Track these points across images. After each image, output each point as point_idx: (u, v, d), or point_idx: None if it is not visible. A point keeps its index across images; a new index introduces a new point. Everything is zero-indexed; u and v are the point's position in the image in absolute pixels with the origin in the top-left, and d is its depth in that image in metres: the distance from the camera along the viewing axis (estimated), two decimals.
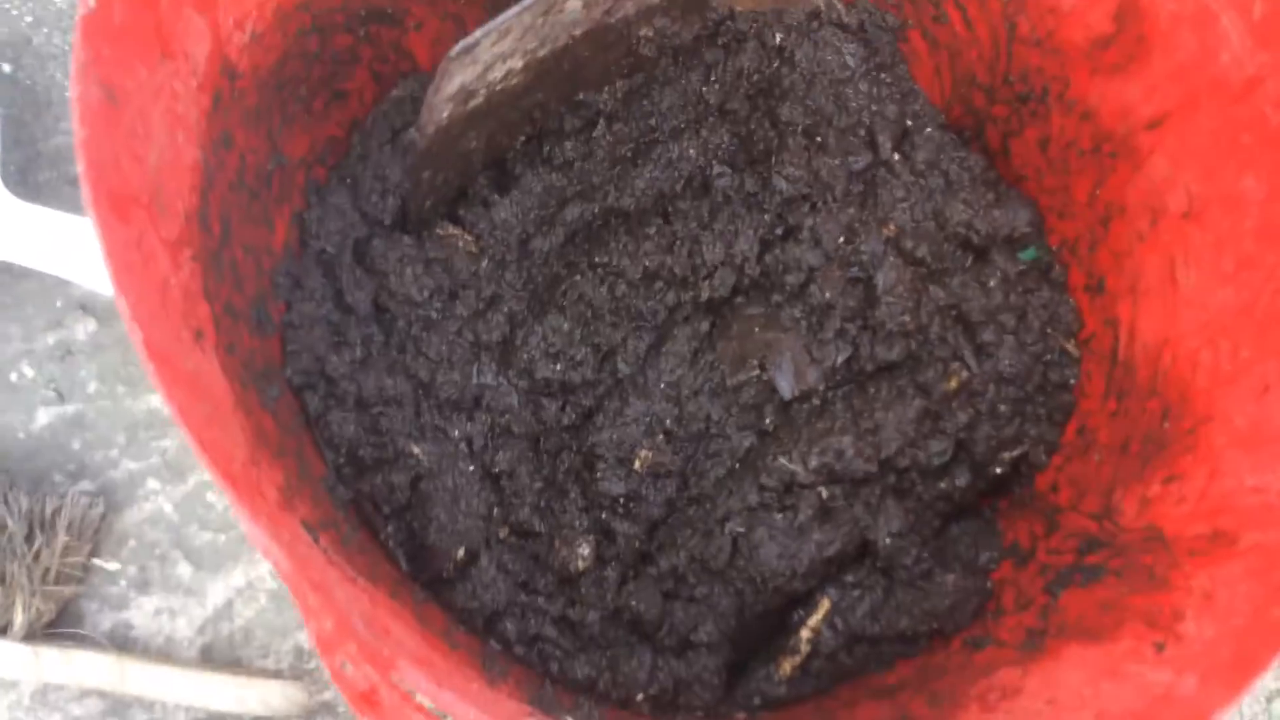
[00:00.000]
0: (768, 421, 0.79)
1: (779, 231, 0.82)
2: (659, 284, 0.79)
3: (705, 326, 0.79)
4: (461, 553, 0.68)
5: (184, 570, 0.90)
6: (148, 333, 0.46)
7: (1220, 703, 0.51)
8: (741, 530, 0.75)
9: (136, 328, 0.46)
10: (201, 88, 0.61)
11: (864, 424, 0.77)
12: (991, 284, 0.82)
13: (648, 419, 0.77)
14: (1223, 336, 0.69)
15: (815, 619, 0.75)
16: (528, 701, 0.61)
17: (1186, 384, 0.71)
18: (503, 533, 0.72)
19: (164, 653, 0.89)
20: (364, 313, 0.74)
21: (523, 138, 0.83)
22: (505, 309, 0.77)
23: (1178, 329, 0.73)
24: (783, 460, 0.76)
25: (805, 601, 0.76)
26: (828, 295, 0.79)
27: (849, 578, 0.76)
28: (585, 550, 0.72)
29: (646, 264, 0.78)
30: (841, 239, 0.81)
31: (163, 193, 0.56)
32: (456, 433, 0.72)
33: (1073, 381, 0.81)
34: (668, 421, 0.77)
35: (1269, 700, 0.99)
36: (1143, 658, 0.60)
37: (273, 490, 0.55)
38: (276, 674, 0.88)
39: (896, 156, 0.84)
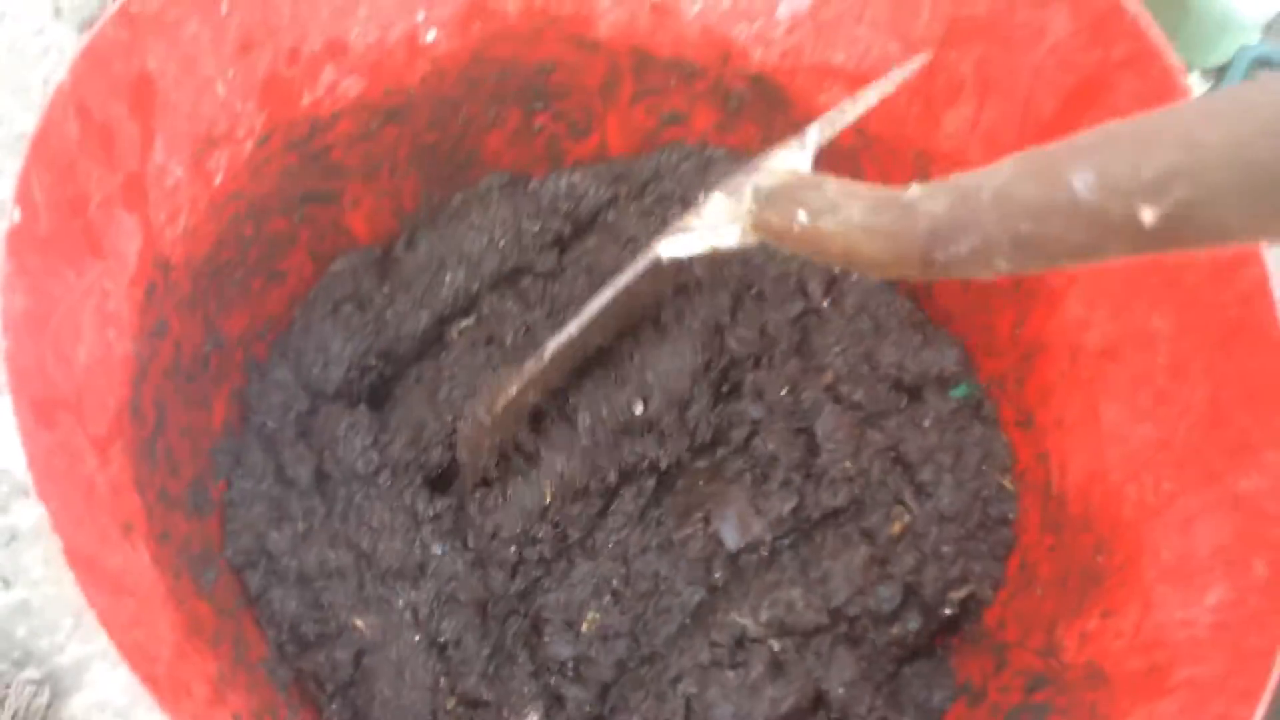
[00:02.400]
0: (716, 575, 0.79)
1: (724, 389, 0.84)
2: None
3: (651, 484, 0.80)
4: None
5: None
6: (69, 539, 0.47)
7: None
8: (694, 691, 0.74)
9: (58, 536, 0.47)
10: (133, 282, 0.63)
11: (812, 574, 0.78)
12: (926, 424, 0.84)
13: (595, 580, 0.77)
14: (1145, 471, 0.71)
15: None
16: None
17: (1115, 518, 0.73)
18: (450, 704, 0.72)
19: None
20: (305, 485, 0.75)
21: None
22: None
23: (1104, 463, 0.75)
24: (733, 615, 0.76)
25: None
26: (771, 447, 0.81)
27: None
28: (534, 718, 0.71)
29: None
30: (784, 391, 0.83)
31: (92, 390, 0.57)
32: (401, 602, 0.72)
33: (1011, 516, 0.82)
34: (614, 581, 0.78)
35: None
36: None
37: (203, 685, 0.55)
38: None
39: (826, 303, 0.87)
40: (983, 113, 0.79)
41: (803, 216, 0.54)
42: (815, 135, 0.63)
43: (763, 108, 0.90)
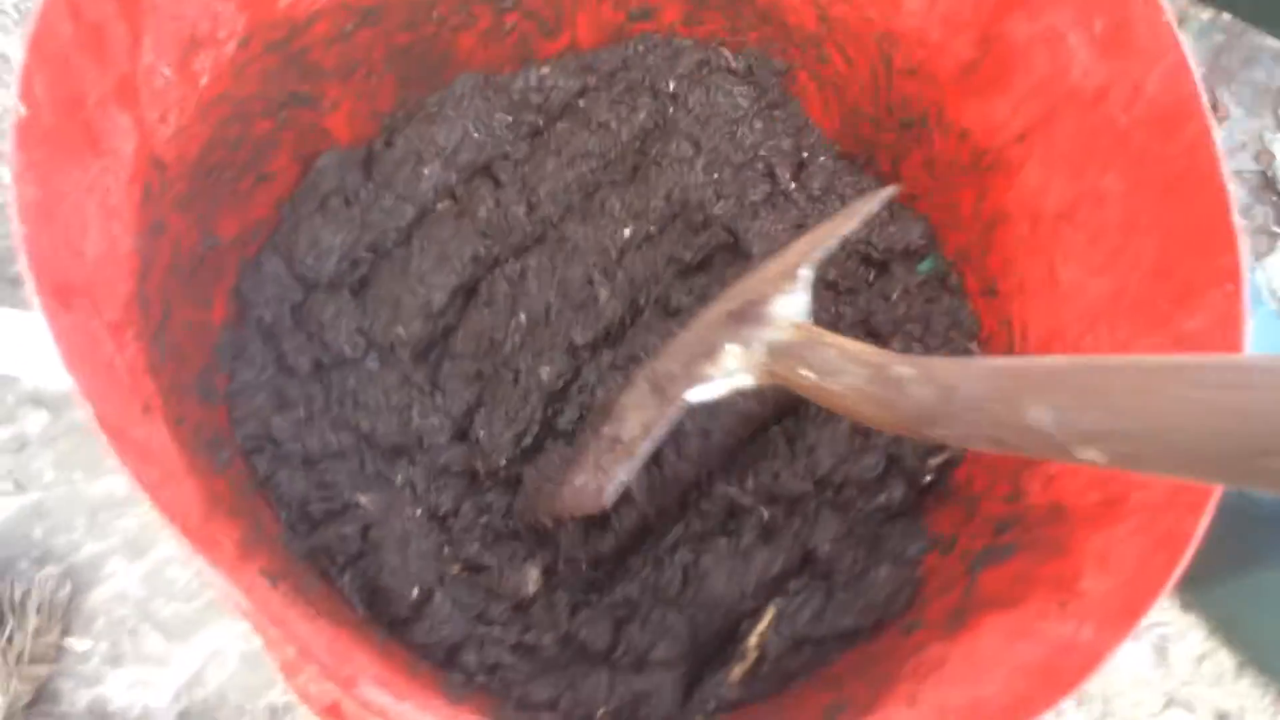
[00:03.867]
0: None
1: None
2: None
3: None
4: (416, 592, 0.72)
5: (154, 642, 0.93)
6: (99, 408, 0.50)
7: (1112, 644, 0.56)
8: (690, 558, 0.79)
9: (88, 403, 0.50)
10: (132, 181, 0.66)
11: (798, 446, 0.82)
12: (894, 296, 0.88)
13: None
14: (1101, 322, 0.75)
15: (761, 627, 0.79)
16: (489, 716, 0.65)
17: None
18: (454, 569, 0.76)
19: None
20: (305, 373, 0.78)
21: None
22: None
23: (1062, 320, 0.79)
24: (722, 487, 0.81)
25: (753, 612, 0.80)
26: None
27: (791, 585, 0.80)
28: (534, 573, 0.76)
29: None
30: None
31: (102, 281, 0.60)
32: (399, 478, 0.76)
33: None
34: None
35: None
36: (1048, 616, 0.65)
37: (230, 544, 0.59)
38: None
39: (794, 185, 0.90)
40: None
41: (811, 375, 0.60)
42: (807, 274, 0.68)
43: None
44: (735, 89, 0.93)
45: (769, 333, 0.65)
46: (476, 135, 0.89)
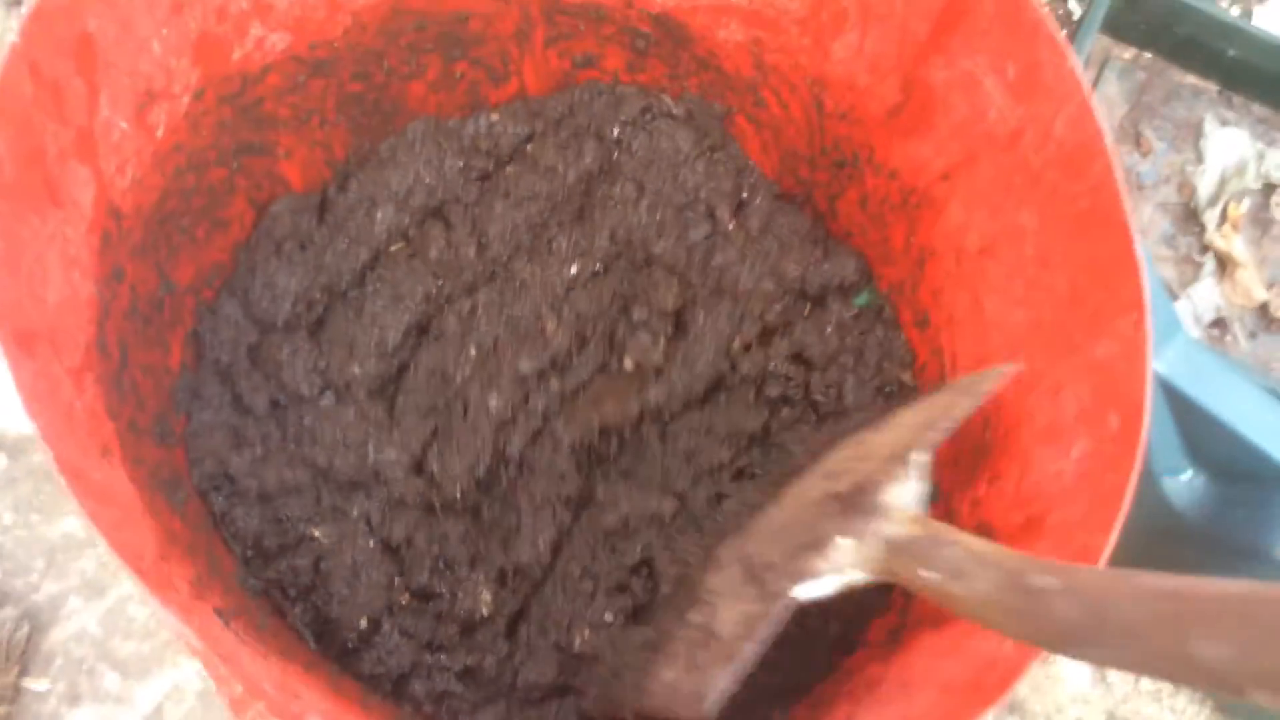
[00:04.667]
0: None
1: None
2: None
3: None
4: (364, 621, 0.74)
5: (112, 681, 0.94)
6: (59, 451, 0.53)
7: (1029, 658, 0.60)
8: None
9: (48, 447, 0.52)
10: (90, 230, 0.68)
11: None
12: (829, 330, 0.91)
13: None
14: (1021, 350, 0.79)
15: None
16: None
17: (1000, 396, 0.81)
18: (404, 599, 0.78)
19: None
20: (261, 412, 0.81)
21: None
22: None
23: (988, 349, 0.83)
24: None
25: None
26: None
27: None
28: (487, 596, 0.78)
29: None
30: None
31: (63, 326, 0.63)
32: (355, 511, 0.79)
33: None
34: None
35: None
36: (974, 633, 0.68)
37: (184, 583, 0.61)
38: None
39: (732, 225, 0.94)
40: (866, 39, 0.86)
41: (933, 577, 0.57)
42: (921, 460, 0.63)
43: (669, 46, 0.96)
44: (677, 133, 0.97)
45: (884, 526, 0.60)
46: (428, 179, 0.92)
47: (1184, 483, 0.93)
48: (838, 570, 0.61)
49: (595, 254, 0.92)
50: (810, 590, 0.61)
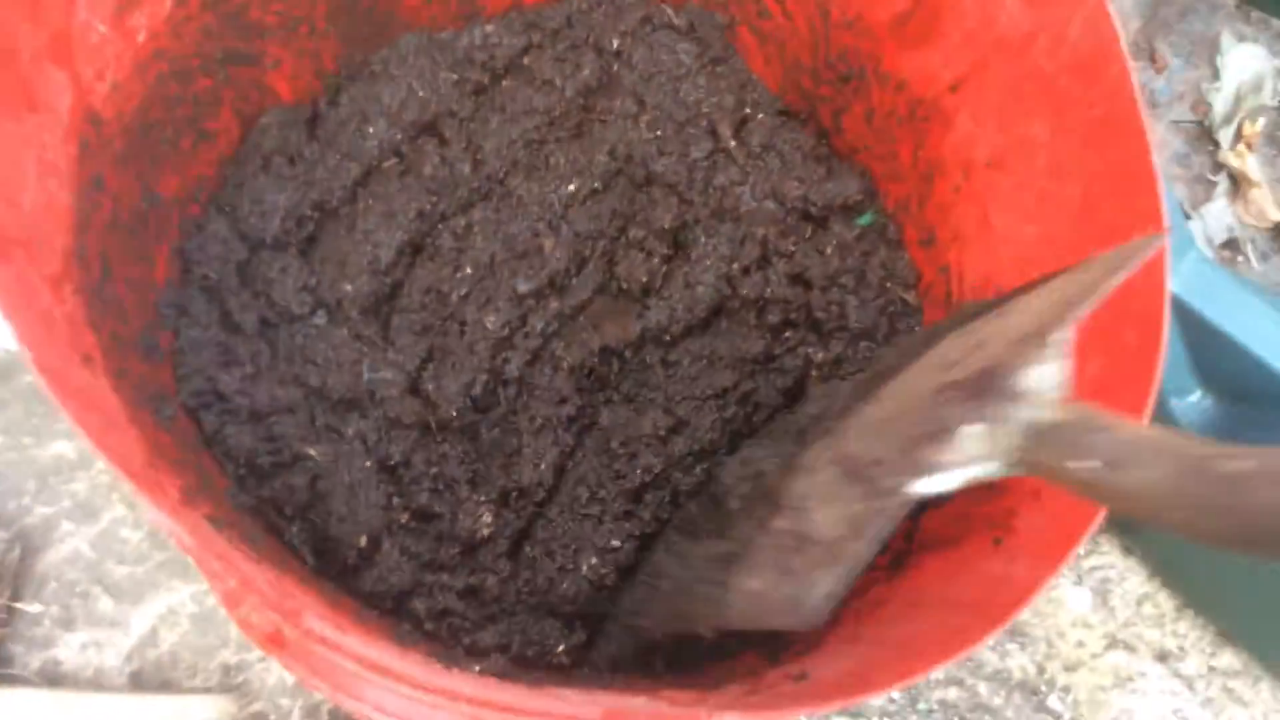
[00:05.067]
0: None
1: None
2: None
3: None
4: (364, 540, 0.73)
5: (106, 604, 0.94)
6: (37, 353, 0.51)
7: (1045, 576, 0.58)
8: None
9: (26, 349, 0.50)
10: (68, 136, 0.66)
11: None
12: (829, 250, 0.89)
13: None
14: (1031, 267, 0.77)
15: None
16: (438, 660, 0.66)
17: None
18: (403, 518, 0.77)
19: (95, 684, 0.92)
20: (251, 330, 0.79)
21: None
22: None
23: (997, 266, 0.81)
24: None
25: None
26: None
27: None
28: (487, 518, 0.77)
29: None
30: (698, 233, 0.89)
31: (39, 233, 0.60)
32: (350, 430, 0.77)
33: (917, 327, 0.89)
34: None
35: None
36: (985, 553, 0.67)
37: (174, 490, 0.60)
38: (206, 691, 0.92)
39: (734, 143, 0.92)
40: None
41: (1087, 467, 0.49)
42: (1062, 337, 0.54)
43: None
44: (678, 45, 0.93)
45: (1025, 411, 0.52)
46: (421, 93, 0.89)
47: (1193, 404, 0.91)
48: (965, 462, 0.54)
49: (594, 171, 0.89)
50: (933, 485, 0.55)
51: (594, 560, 0.78)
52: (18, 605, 0.92)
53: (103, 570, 0.95)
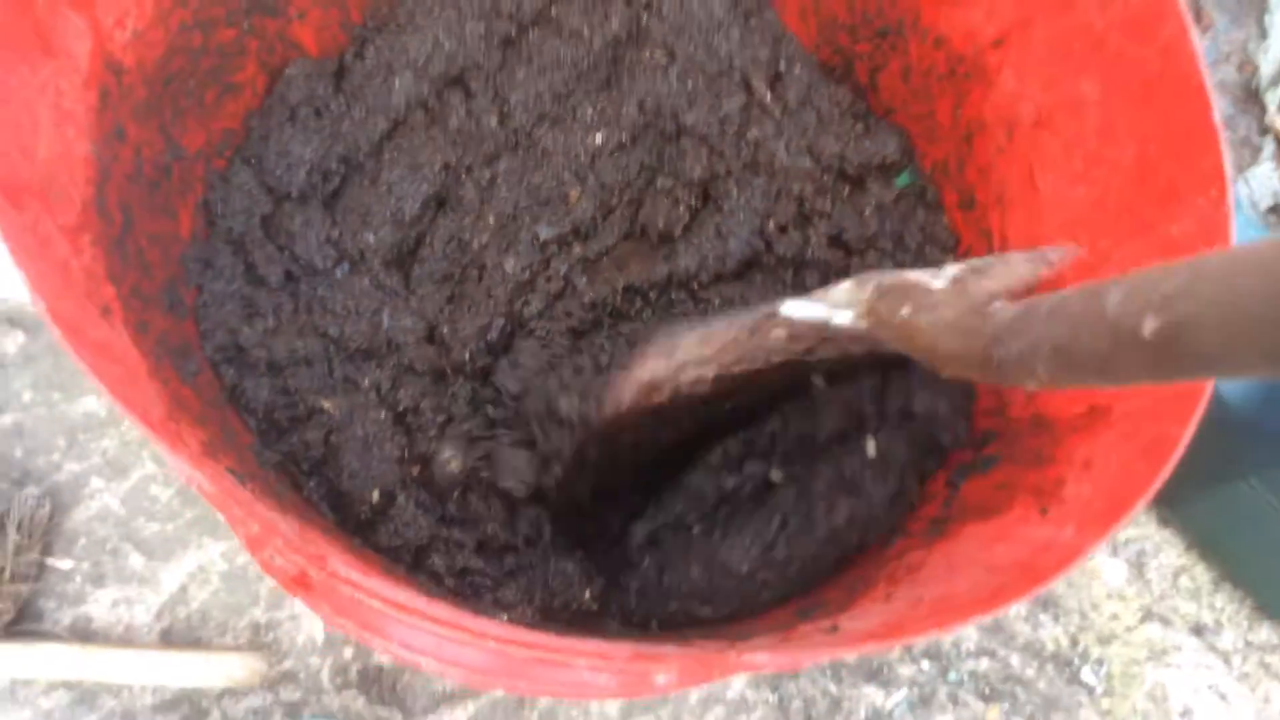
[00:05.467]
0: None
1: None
2: None
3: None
4: (376, 495, 0.72)
5: (136, 561, 0.94)
6: (51, 303, 0.50)
7: (1091, 542, 0.56)
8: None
9: (39, 298, 0.49)
10: (87, 84, 0.65)
11: None
12: (867, 213, 0.87)
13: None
14: (1082, 231, 0.74)
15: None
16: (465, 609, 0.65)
17: (1055, 280, 0.76)
18: (416, 471, 0.76)
19: (125, 641, 0.92)
20: (275, 283, 0.78)
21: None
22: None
23: (1042, 230, 0.79)
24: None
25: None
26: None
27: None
28: (447, 453, 0.76)
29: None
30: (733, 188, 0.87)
31: (56, 183, 0.59)
32: (366, 381, 0.76)
33: None
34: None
35: None
36: (1029, 521, 0.65)
37: (195, 443, 0.59)
38: (236, 649, 0.92)
39: (770, 96, 0.89)
40: None
41: (905, 311, 0.59)
42: (952, 271, 0.61)
43: None
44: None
45: (886, 277, 0.62)
46: (448, 45, 0.87)
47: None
48: (833, 305, 0.63)
49: (623, 124, 0.87)
50: (797, 308, 0.64)
51: None
52: (49, 561, 0.92)
53: (133, 527, 0.95)
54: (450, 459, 0.75)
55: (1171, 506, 1.06)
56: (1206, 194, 0.63)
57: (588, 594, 0.73)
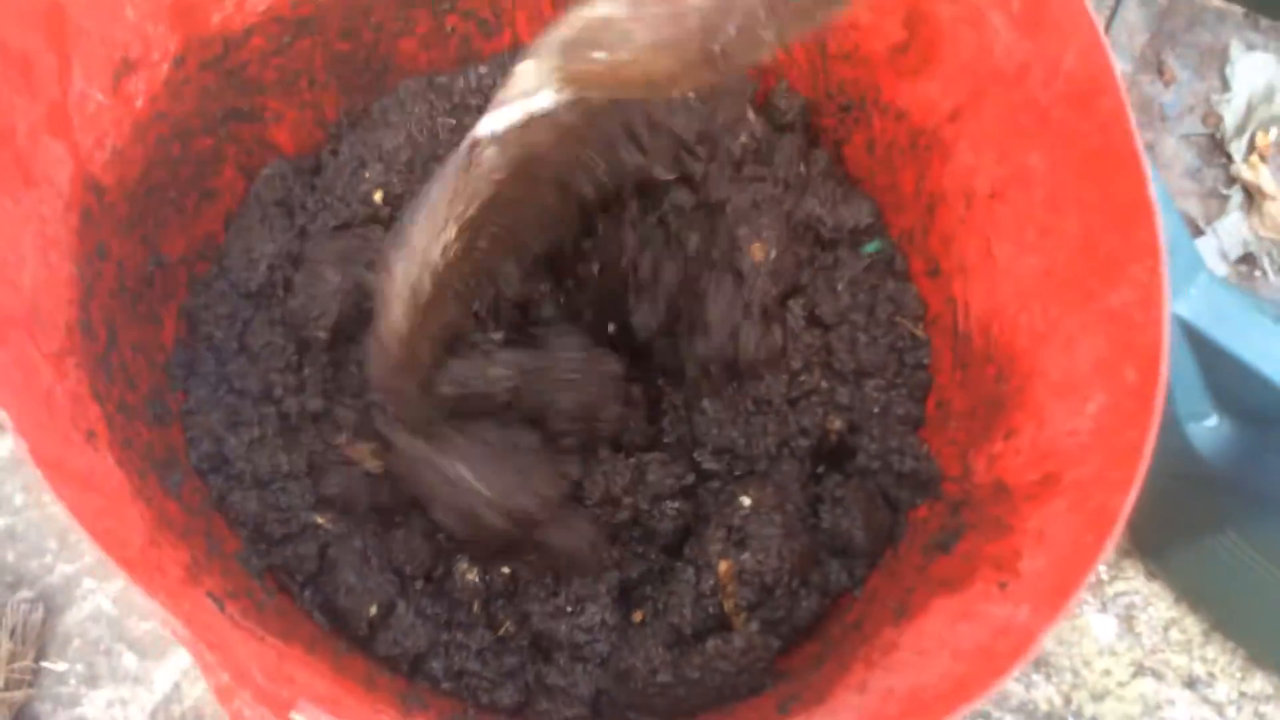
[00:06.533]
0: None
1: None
2: None
3: None
4: (374, 610, 0.72)
5: (129, 660, 0.95)
6: (33, 441, 0.51)
7: (1044, 624, 0.57)
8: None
9: (21, 438, 0.51)
10: (69, 208, 0.66)
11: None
12: (840, 287, 0.88)
13: None
14: (1034, 299, 0.76)
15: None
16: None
17: (1012, 346, 0.78)
18: (419, 584, 0.77)
19: None
20: (255, 394, 0.79)
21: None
22: None
23: (1000, 298, 0.80)
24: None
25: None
26: None
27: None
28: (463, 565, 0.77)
29: None
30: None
31: (40, 310, 0.61)
32: None
33: (925, 361, 0.88)
34: None
35: None
36: (990, 598, 0.66)
37: (176, 568, 0.60)
38: None
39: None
40: None
41: (600, 55, 0.54)
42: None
43: None
44: None
45: (558, 31, 0.56)
46: (420, 138, 0.89)
47: (1209, 428, 0.89)
48: (523, 94, 0.58)
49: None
50: (493, 123, 0.59)
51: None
52: (44, 664, 0.93)
53: (125, 627, 0.96)
54: (467, 570, 0.75)
55: (1158, 560, 1.07)
56: (1144, 264, 0.65)
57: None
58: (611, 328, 0.84)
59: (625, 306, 0.82)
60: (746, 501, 0.79)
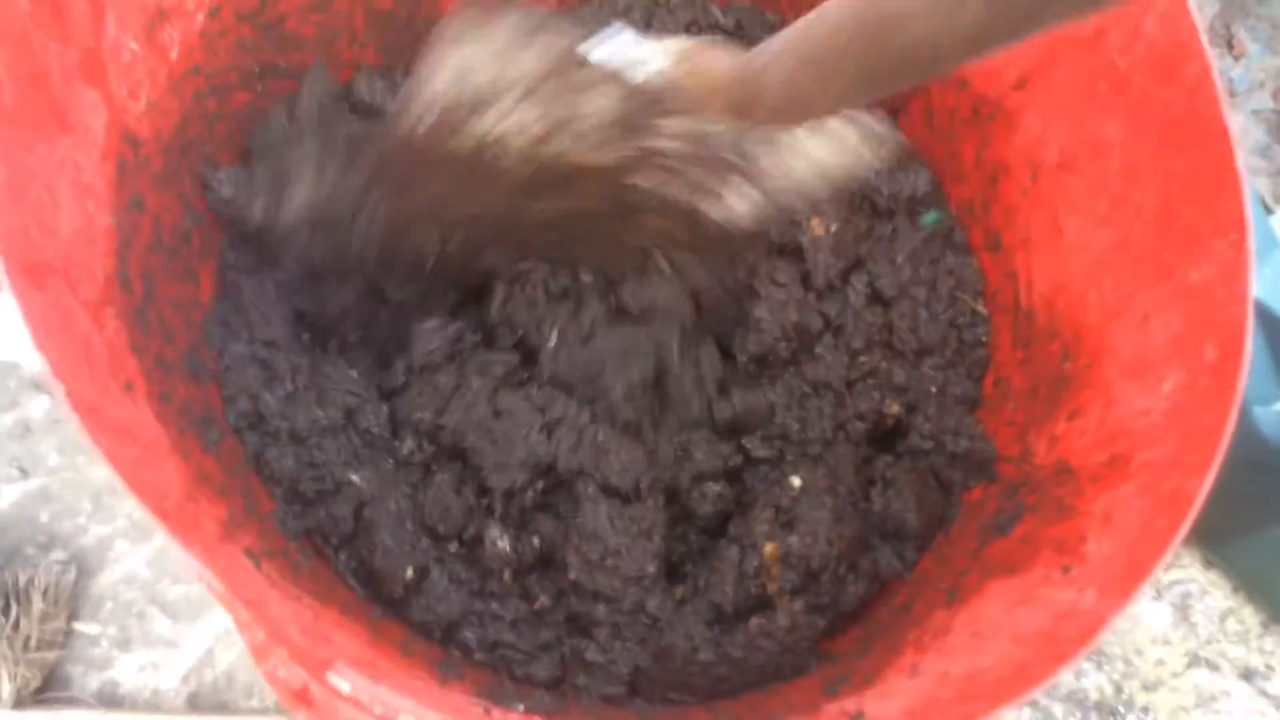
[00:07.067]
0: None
1: None
2: None
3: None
4: (410, 573, 0.71)
5: (162, 624, 0.93)
6: (70, 386, 0.50)
7: (1114, 610, 0.55)
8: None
9: (58, 382, 0.49)
10: (104, 157, 0.65)
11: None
12: (899, 260, 0.85)
13: None
14: (1105, 274, 0.73)
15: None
16: (480, 696, 0.64)
17: (1080, 323, 0.75)
18: (453, 546, 0.75)
19: (152, 705, 0.91)
20: (283, 341, 0.77)
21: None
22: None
23: (1067, 273, 0.77)
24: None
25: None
26: None
27: None
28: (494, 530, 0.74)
29: None
30: None
31: (77, 258, 0.59)
32: (390, 462, 0.75)
33: (985, 338, 0.85)
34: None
35: None
36: (1052, 582, 0.63)
37: (213, 524, 0.58)
38: (263, 712, 0.91)
39: None
40: None
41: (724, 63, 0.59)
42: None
43: None
44: (727, 47, 0.90)
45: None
46: None
47: (1276, 411, 0.86)
48: (647, 56, 0.61)
49: None
50: (602, 50, 0.60)
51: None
52: (76, 626, 0.92)
53: (158, 590, 0.94)
54: (498, 537, 0.73)
55: (1216, 548, 1.03)
56: (1227, 238, 0.62)
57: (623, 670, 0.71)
58: None
59: None
60: (797, 482, 0.76)
